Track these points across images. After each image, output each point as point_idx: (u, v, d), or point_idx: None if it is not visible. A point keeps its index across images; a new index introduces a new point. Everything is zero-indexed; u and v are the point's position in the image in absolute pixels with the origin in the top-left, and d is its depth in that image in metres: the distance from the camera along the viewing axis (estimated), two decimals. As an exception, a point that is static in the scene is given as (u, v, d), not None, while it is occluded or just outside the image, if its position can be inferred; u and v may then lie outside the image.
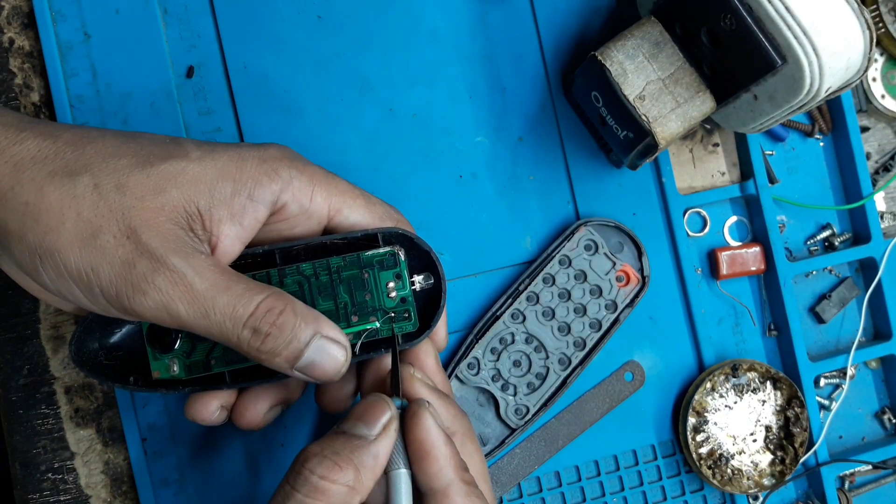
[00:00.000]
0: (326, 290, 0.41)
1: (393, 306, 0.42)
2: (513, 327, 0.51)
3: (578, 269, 0.51)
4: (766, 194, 0.53)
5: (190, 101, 0.50)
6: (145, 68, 0.49)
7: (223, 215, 0.37)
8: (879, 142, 0.57)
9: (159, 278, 0.35)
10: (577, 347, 0.51)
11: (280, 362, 0.37)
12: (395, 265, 0.42)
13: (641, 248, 0.51)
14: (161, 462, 0.49)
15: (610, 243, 0.51)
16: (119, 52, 0.49)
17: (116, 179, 0.35)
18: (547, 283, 0.51)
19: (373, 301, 0.42)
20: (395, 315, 0.42)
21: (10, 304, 0.49)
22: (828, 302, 0.55)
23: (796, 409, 0.52)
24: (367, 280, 0.42)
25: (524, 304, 0.51)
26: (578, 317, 0.51)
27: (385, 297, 0.42)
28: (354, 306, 0.42)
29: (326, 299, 0.41)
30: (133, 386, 0.41)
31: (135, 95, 0.49)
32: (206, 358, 0.41)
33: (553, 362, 0.51)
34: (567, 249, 0.51)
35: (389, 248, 0.42)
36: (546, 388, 0.51)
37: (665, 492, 0.53)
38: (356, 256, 0.42)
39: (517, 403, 0.51)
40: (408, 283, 0.42)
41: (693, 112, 0.45)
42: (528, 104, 0.52)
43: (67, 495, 0.50)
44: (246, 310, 0.36)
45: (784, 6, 0.41)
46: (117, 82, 0.49)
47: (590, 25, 0.52)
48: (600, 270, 0.51)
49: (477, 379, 0.50)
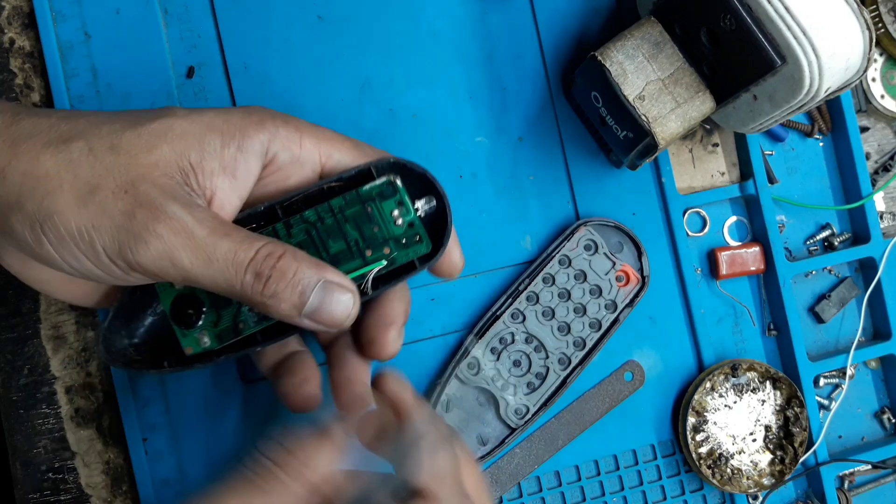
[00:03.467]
0: (334, 231, 0.42)
1: (402, 233, 0.43)
2: (513, 327, 0.51)
3: (578, 268, 0.51)
4: (765, 194, 0.53)
5: (190, 102, 0.50)
6: (145, 68, 0.49)
7: (215, 167, 0.38)
8: (879, 142, 0.57)
9: (160, 226, 0.35)
10: (576, 347, 0.51)
11: (286, 308, 0.37)
12: (395, 193, 0.43)
13: (641, 248, 0.52)
14: (161, 462, 0.49)
15: (610, 243, 0.51)
16: (119, 52, 0.49)
17: (110, 141, 0.36)
18: (547, 283, 0.51)
19: (381, 232, 0.42)
20: (407, 240, 0.43)
21: (10, 304, 0.49)
22: (827, 302, 0.56)
23: (796, 408, 0.52)
24: (372, 213, 0.42)
25: (524, 303, 0.51)
26: (578, 316, 0.51)
27: (392, 226, 0.43)
28: (365, 241, 0.42)
29: (337, 240, 0.42)
30: (169, 368, 0.41)
31: (135, 95, 0.49)
32: (233, 323, 0.42)
33: (553, 362, 0.51)
34: (567, 249, 0.51)
35: (385, 178, 0.42)
36: (546, 387, 0.51)
37: (665, 491, 0.53)
38: (355, 193, 0.42)
39: (517, 403, 0.51)
40: (411, 207, 0.43)
41: (693, 112, 0.45)
42: (528, 104, 0.52)
43: (67, 495, 0.50)
44: (247, 255, 0.36)
45: (784, 6, 0.41)
46: (118, 82, 0.49)
47: (590, 25, 0.52)
48: (600, 270, 0.51)
49: (477, 379, 0.50)
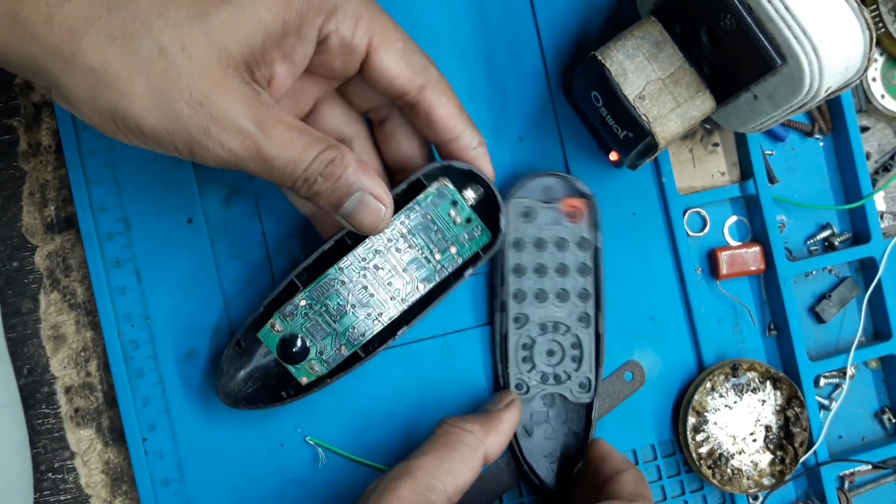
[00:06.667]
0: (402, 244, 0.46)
1: (462, 230, 0.47)
2: (523, 330, 0.51)
3: (533, 238, 0.50)
4: (765, 194, 0.53)
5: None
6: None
7: (276, 56, 0.39)
8: (879, 142, 0.57)
9: (233, 143, 0.37)
10: (583, 299, 0.51)
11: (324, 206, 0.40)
12: (448, 195, 0.46)
13: (558, 173, 0.50)
14: (161, 462, 0.49)
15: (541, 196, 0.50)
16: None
17: (179, 40, 0.36)
18: (519, 274, 0.50)
19: (445, 235, 0.46)
20: (468, 234, 0.47)
21: (10, 304, 0.50)
22: (828, 302, 0.55)
23: (796, 408, 0.52)
24: (432, 219, 0.46)
25: (515, 306, 0.50)
26: (564, 276, 0.50)
27: (452, 225, 0.46)
28: (433, 246, 0.46)
29: (405, 252, 0.46)
30: (288, 399, 0.47)
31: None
32: (336, 348, 0.46)
33: (577, 327, 0.51)
34: (513, 233, 0.50)
35: (436, 185, 0.46)
36: (588, 351, 0.50)
37: (665, 491, 0.53)
38: (413, 204, 0.46)
39: (577, 382, 0.51)
40: (465, 204, 0.46)
41: (693, 112, 0.45)
42: (528, 104, 0.52)
43: (67, 495, 0.50)
44: (303, 162, 0.38)
45: (784, 6, 0.41)
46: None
47: (590, 25, 0.52)
48: (550, 223, 0.50)
49: (531, 394, 0.50)
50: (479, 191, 0.47)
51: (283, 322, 0.46)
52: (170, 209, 0.49)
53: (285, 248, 0.50)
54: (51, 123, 0.50)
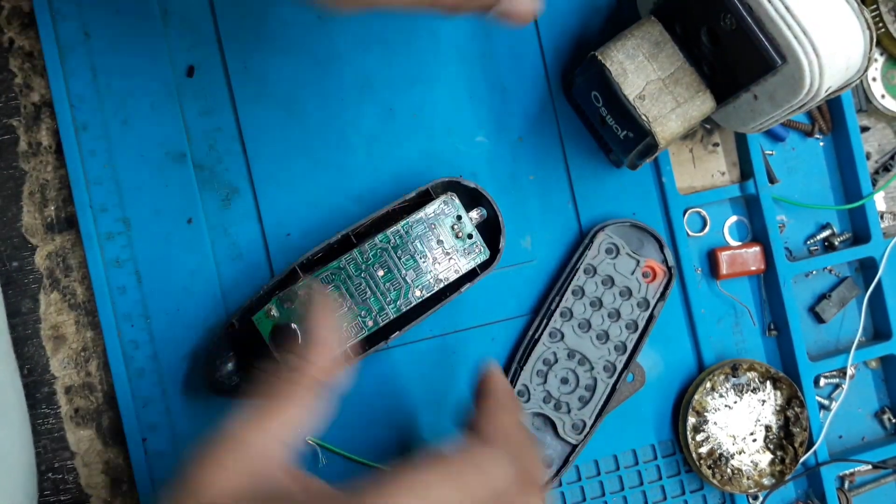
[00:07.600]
0: (405, 250, 0.47)
1: (464, 245, 0.48)
2: (553, 346, 0.51)
3: (604, 274, 0.51)
4: (765, 194, 0.53)
5: (190, 101, 0.50)
6: (145, 68, 0.49)
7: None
8: (879, 142, 0.57)
9: None
10: (618, 352, 0.51)
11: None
12: (453, 209, 0.47)
13: (661, 240, 0.51)
14: (161, 462, 0.49)
15: (630, 243, 0.51)
16: (119, 52, 0.49)
17: None
18: (577, 296, 0.51)
19: (446, 247, 0.47)
20: (467, 250, 0.48)
21: (11, 304, 0.49)
22: (828, 302, 0.55)
23: (796, 408, 0.52)
24: (434, 230, 0.47)
25: (559, 321, 0.51)
26: (614, 321, 0.51)
27: (454, 238, 0.47)
28: (434, 255, 0.47)
29: (406, 257, 0.47)
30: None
31: (135, 95, 0.49)
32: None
33: (599, 371, 0.51)
34: (590, 258, 0.51)
35: (443, 197, 0.47)
36: (597, 398, 0.51)
37: (665, 491, 0.53)
38: (420, 214, 0.47)
39: (573, 419, 0.51)
40: (468, 220, 0.47)
41: (693, 112, 0.45)
42: (528, 104, 0.52)
43: (67, 495, 0.50)
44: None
45: (784, 6, 0.41)
46: (117, 82, 0.49)
47: (590, 25, 0.52)
48: (626, 271, 0.51)
49: (530, 405, 0.51)
50: (482, 213, 0.48)
51: (280, 309, 0.46)
52: (170, 209, 0.50)
53: (285, 248, 0.50)
54: (51, 123, 0.50)
